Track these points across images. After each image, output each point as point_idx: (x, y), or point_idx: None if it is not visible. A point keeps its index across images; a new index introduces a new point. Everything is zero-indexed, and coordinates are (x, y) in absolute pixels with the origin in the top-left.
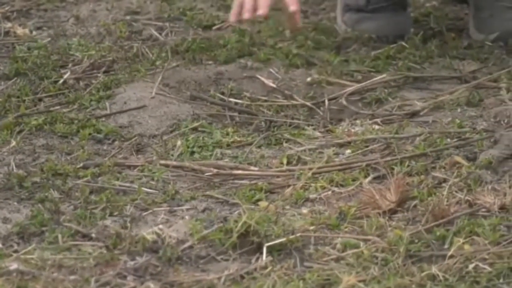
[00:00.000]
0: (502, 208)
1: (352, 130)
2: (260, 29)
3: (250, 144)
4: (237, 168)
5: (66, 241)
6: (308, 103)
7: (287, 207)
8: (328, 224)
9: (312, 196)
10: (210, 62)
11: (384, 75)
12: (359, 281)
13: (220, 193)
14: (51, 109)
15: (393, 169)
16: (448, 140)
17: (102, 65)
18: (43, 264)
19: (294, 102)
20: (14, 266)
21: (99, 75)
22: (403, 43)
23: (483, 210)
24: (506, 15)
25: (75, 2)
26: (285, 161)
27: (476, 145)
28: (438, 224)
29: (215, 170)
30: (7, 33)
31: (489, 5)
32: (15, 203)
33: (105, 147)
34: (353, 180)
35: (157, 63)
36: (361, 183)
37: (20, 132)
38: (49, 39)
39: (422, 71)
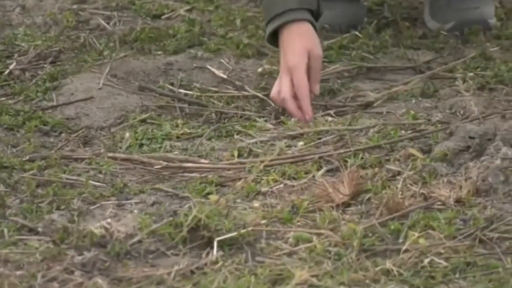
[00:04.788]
0: (458, 201)
1: (305, 122)
2: (210, 18)
3: (200, 136)
4: (187, 161)
5: (12, 236)
6: (259, 94)
7: (238, 200)
8: (280, 218)
9: (263, 189)
10: (159, 52)
11: (337, 66)
12: (312, 276)
13: (169, 186)
14: None
15: (346, 161)
16: (403, 132)
17: (49, 56)
18: None
19: (245, 93)
20: None
21: (45, 65)
22: (357, 33)
23: (438, 203)
24: (463, 5)
25: None
26: (236, 154)
27: (431, 137)
28: (393, 217)
29: (164, 163)
30: None
31: None
32: None
33: (51, 140)
34: (306, 173)
35: (105, 53)
36: (313, 176)
37: None
38: None
39: (376, 61)
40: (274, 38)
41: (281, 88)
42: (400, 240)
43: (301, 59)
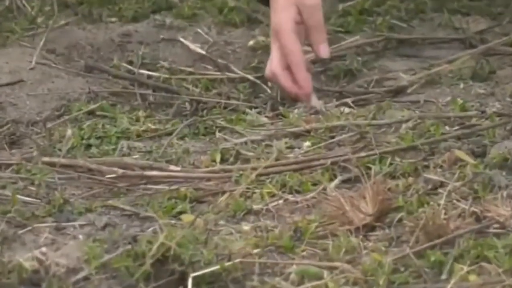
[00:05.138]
0: None
1: (313, 115)
2: None
3: (170, 134)
4: (151, 168)
5: None
6: (250, 77)
7: (222, 222)
8: (279, 246)
9: (256, 206)
10: (113, 19)
11: (356, 37)
12: None
13: (127, 202)
14: None
15: (369, 169)
16: (447, 128)
17: None
18: None
19: (231, 75)
20: None
21: None
22: None
23: (496, 226)
24: None
25: None
26: (218, 158)
27: (486, 135)
28: (433, 245)
29: (120, 171)
30: None
31: None
32: None
33: None
34: (314, 184)
35: (39, 20)
36: (325, 189)
37: None
38: None
39: (410, 31)
40: None
41: (271, 61)
42: (444, 276)
43: (285, 15)
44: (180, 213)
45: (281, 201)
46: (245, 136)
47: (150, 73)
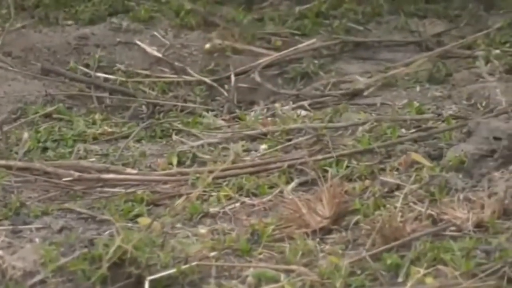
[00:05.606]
0: (479, 226)
1: (269, 118)
2: None
3: (127, 137)
4: (108, 171)
5: None
6: (207, 80)
7: (178, 225)
8: (236, 249)
9: (213, 209)
10: (69, 22)
11: (313, 40)
12: None
13: (84, 205)
14: None
15: (326, 171)
16: (403, 130)
17: None
18: None
19: (188, 77)
20: None
21: None
22: None
23: (452, 228)
24: None
25: None
26: (175, 161)
27: (442, 137)
28: (390, 248)
29: (76, 174)
30: None
31: None
32: None
33: None
34: (271, 187)
35: None
36: (281, 192)
37: None
38: None
39: (366, 34)
40: None
41: None
42: (400, 279)
43: None
44: (137, 216)
45: (238, 204)
46: (202, 139)
47: (106, 76)
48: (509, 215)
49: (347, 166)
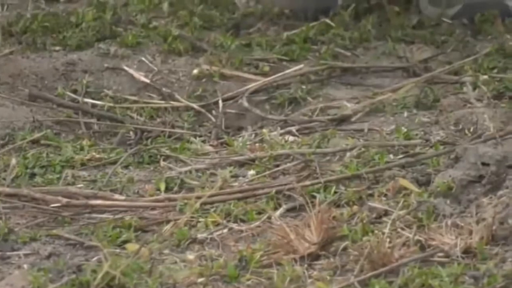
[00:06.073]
0: (467, 251)
1: (257, 143)
2: (127, 1)
3: (114, 163)
4: (96, 197)
5: None
6: (194, 105)
7: (166, 251)
8: (224, 275)
9: (200, 235)
10: (57, 48)
11: (301, 66)
12: None
13: (72, 231)
14: None
15: (314, 197)
16: (391, 156)
17: None
18: None
19: (176, 103)
20: None
21: None
22: (328, 21)
23: (440, 254)
24: None
25: None
26: (162, 187)
27: (430, 163)
28: (378, 274)
29: (64, 200)
30: None
31: None
32: None
33: None
34: (259, 213)
35: None
36: (269, 217)
37: None
38: None
39: (353, 59)
40: None
41: None
42: None
43: None
44: (125, 242)
45: (225, 230)
46: (190, 165)
47: (94, 101)
48: (497, 241)
49: (335, 192)
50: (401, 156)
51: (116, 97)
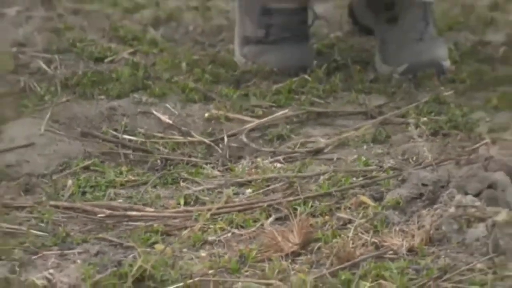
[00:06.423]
0: (411, 250)
1: (253, 169)
2: (154, 61)
3: (145, 183)
4: (132, 209)
5: None
6: (206, 140)
7: (185, 250)
8: (228, 268)
9: (211, 238)
10: (102, 97)
11: (286, 111)
12: None
13: (113, 235)
14: None
15: (296, 209)
16: (354, 179)
17: None
18: None
19: (192, 139)
20: None
21: None
22: (306, 76)
23: (390, 252)
24: (415, 48)
25: None
26: (182, 202)
27: (382, 184)
28: (344, 267)
29: (108, 211)
30: None
31: (396, 37)
32: None
33: None
34: (254, 221)
35: (46, 98)
36: (262, 225)
37: None
38: None
39: (326, 106)
40: None
41: None
42: None
43: None
44: (154, 243)
45: (229, 234)
46: (202, 185)
47: (130, 137)
48: (434, 242)
49: (312, 206)
50: (361, 178)
51: (146, 134)
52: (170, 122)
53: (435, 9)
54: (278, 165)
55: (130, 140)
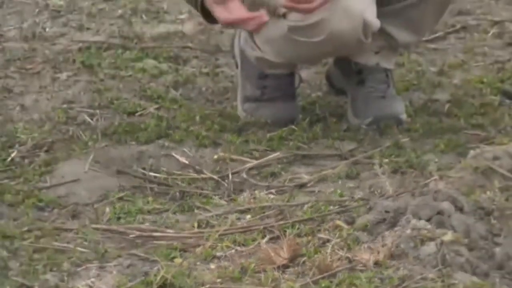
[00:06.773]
0: (376, 263)
1: (252, 199)
2: (175, 115)
3: (167, 210)
4: (156, 231)
5: None
6: (215, 177)
7: (198, 263)
8: (232, 277)
9: (218, 254)
10: (133, 143)
11: (278, 153)
12: None
13: (142, 251)
14: (1, 182)
15: (285, 231)
16: (331, 207)
17: (43, 146)
18: None
19: (204, 176)
20: None
21: (41, 154)
22: (293, 127)
23: (361, 265)
24: (378, 104)
25: (20, 93)
26: (196, 225)
27: (354, 211)
28: (323, 277)
29: (137, 233)
30: None
31: (363, 95)
32: None
33: (46, 214)
34: (253, 240)
35: (89, 143)
36: (259, 243)
37: None
38: None
39: (309, 150)
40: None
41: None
42: None
43: None
44: (173, 258)
45: (233, 251)
46: (212, 212)
47: (155, 174)
48: (394, 257)
49: (298, 228)
50: (337, 207)
51: (168, 172)
52: (187, 162)
53: (394, 74)
54: (272, 196)
55: (155, 177)
